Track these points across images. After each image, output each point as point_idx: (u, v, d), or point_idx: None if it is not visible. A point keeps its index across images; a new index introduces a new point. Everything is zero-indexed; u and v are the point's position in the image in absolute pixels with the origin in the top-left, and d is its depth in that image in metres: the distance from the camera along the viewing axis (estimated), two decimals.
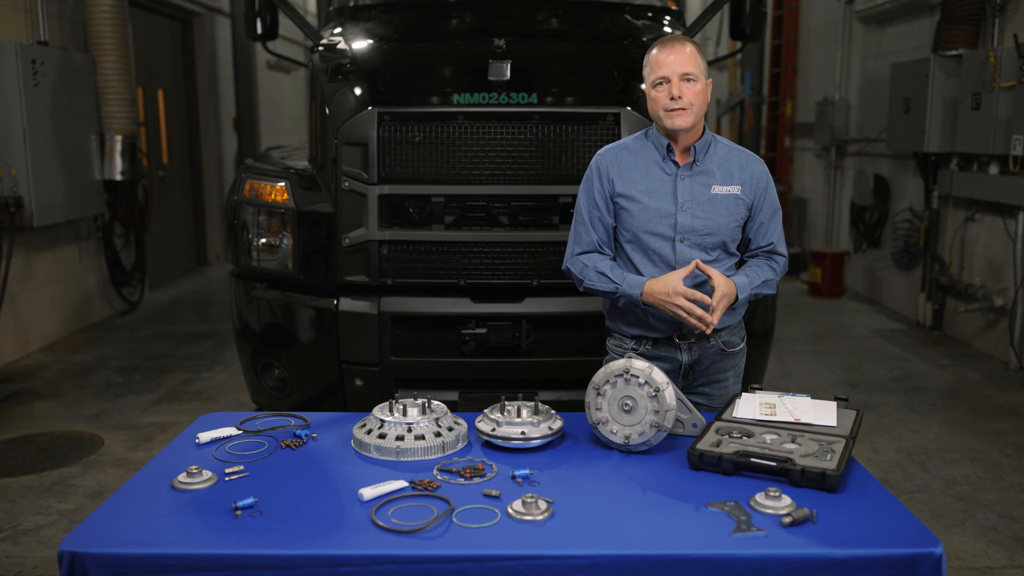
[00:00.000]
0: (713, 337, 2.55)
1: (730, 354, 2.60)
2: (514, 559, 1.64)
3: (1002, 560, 3.30)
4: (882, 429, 4.70)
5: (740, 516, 1.77)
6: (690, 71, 2.39)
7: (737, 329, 2.63)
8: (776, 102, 10.46)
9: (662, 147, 2.49)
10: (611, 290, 2.47)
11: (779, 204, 2.59)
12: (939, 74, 6.29)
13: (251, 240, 3.75)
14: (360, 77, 3.62)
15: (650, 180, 2.48)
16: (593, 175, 2.55)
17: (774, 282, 2.58)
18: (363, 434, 2.17)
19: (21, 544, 3.40)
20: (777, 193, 2.64)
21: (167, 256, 8.95)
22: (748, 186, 2.51)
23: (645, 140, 2.54)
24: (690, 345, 2.55)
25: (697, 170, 2.48)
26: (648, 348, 2.57)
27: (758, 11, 4.28)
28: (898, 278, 7.61)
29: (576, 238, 2.59)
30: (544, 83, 3.48)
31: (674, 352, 2.55)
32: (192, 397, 5.24)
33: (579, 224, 2.58)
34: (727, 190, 2.48)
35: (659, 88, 2.42)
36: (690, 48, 2.42)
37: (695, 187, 2.47)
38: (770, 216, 2.56)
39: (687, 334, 2.53)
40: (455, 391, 3.53)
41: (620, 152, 2.54)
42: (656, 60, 2.43)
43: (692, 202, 2.46)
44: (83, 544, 1.66)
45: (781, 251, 2.60)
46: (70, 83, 6.21)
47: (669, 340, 2.54)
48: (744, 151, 2.57)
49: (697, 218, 2.46)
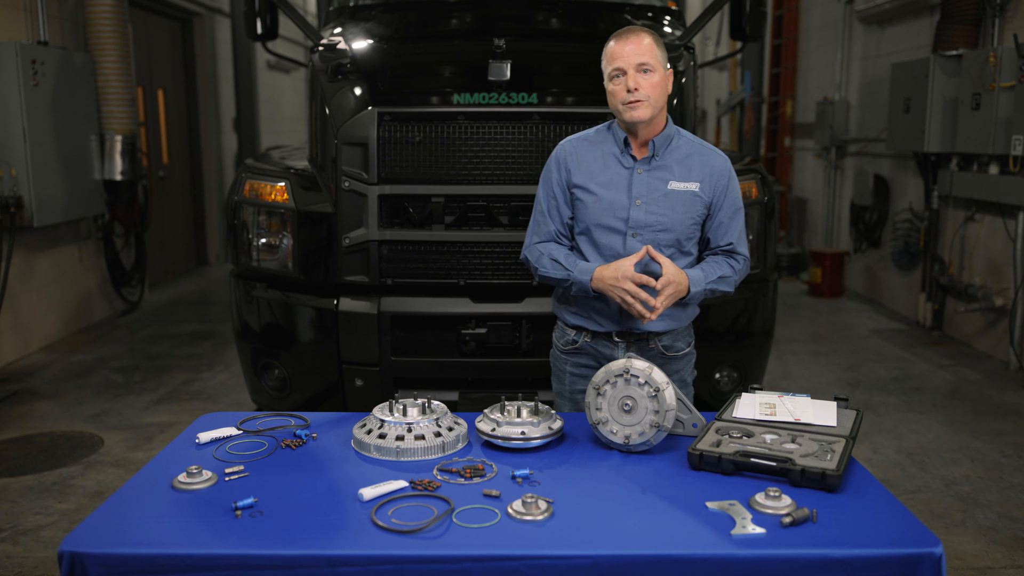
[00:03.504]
0: (653, 340, 2.51)
1: (671, 359, 2.54)
2: (514, 559, 1.64)
3: (1002, 560, 3.30)
4: (882, 429, 4.70)
5: (740, 516, 1.77)
6: (646, 61, 2.33)
7: (683, 334, 2.58)
8: (776, 102, 10.46)
9: (619, 140, 2.45)
10: (563, 277, 2.44)
11: (742, 203, 2.53)
12: (939, 74, 6.29)
13: (251, 240, 3.75)
14: (360, 77, 3.62)
15: (607, 173, 2.45)
16: (552, 165, 2.52)
17: (732, 280, 2.51)
18: (363, 434, 2.16)
19: (21, 544, 3.40)
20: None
21: (167, 256, 8.95)
22: (708, 183, 2.45)
23: (607, 132, 2.50)
24: (628, 344, 2.51)
25: (655, 164, 2.44)
26: (587, 341, 2.54)
27: (758, 11, 4.28)
28: (898, 278, 7.61)
29: (535, 228, 2.55)
30: (544, 83, 3.49)
31: (611, 349, 2.52)
32: (192, 397, 5.24)
33: (538, 214, 2.54)
34: (685, 186, 2.43)
35: (616, 81, 2.37)
36: (648, 39, 2.36)
37: (651, 182, 2.43)
38: (731, 215, 2.50)
39: (626, 332, 2.49)
40: (455, 391, 3.53)
41: (580, 143, 2.51)
42: (611, 52, 2.37)
43: (647, 197, 2.42)
44: (83, 544, 1.66)
45: (742, 251, 2.53)
46: (70, 83, 6.21)
47: (608, 336, 2.52)
48: (708, 147, 2.52)
49: (651, 213, 2.42)
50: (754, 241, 3.69)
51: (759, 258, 3.73)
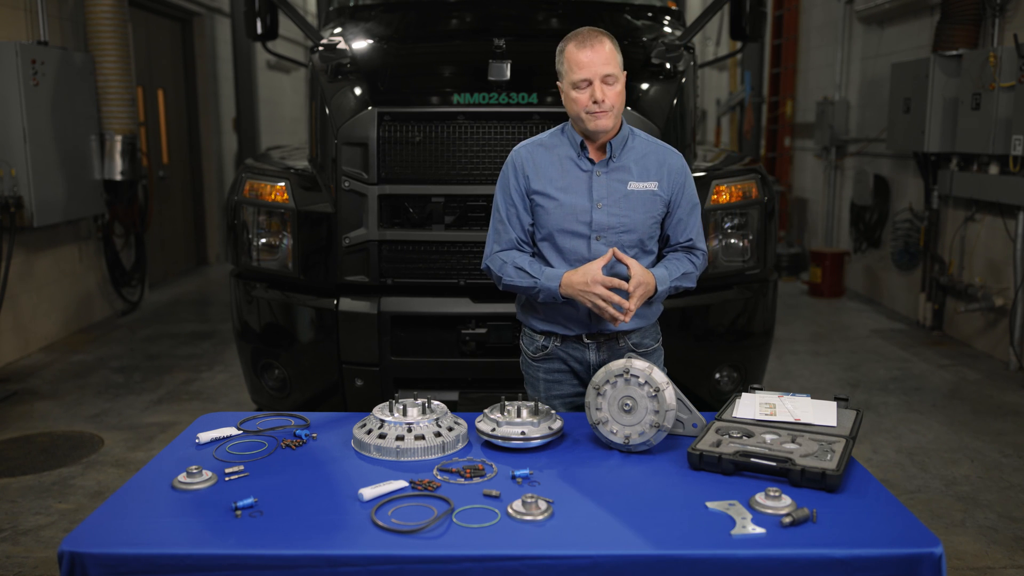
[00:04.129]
0: (623, 338, 2.52)
1: (641, 355, 2.55)
2: (514, 559, 1.64)
3: (1002, 560, 3.30)
4: (882, 429, 4.70)
5: (740, 516, 1.77)
6: (611, 71, 2.31)
7: (650, 331, 2.59)
8: (776, 102, 10.46)
9: (576, 143, 2.43)
10: (529, 285, 2.42)
11: (698, 199, 2.55)
12: (939, 74, 6.29)
13: (251, 240, 3.75)
14: (360, 77, 3.62)
15: (566, 177, 2.43)
16: (509, 171, 2.48)
17: (694, 275, 2.54)
18: (363, 434, 2.17)
19: (21, 544, 3.40)
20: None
21: (167, 256, 8.96)
22: (666, 182, 2.45)
23: (561, 136, 2.48)
24: (599, 345, 2.51)
25: (613, 166, 2.43)
26: (557, 345, 2.53)
27: (758, 11, 4.28)
28: (898, 278, 7.61)
29: (495, 236, 2.52)
30: (544, 83, 3.48)
31: (582, 351, 2.52)
32: (192, 397, 5.25)
33: (497, 222, 2.51)
34: (644, 186, 2.43)
35: (580, 90, 2.33)
36: (609, 45, 2.33)
37: (611, 184, 2.42)
38: (688, 211, 2.51)
39: (596, 333, 2.49)
40: (455, 391, 3.53)
41: (535, 148, 2.48)
42: (576, 60, 2.31)
43: (608, 199, 2.41)
44: (83, 544, 1.66)
45: (701, 246, 2.55)
46: (70, 83, 6.21)
47: (578, 339, 2.51)
48: (663, 146, 2.51)
49: (613, 215, 2.41)
50: (754, 241, 3.70)
51: (759, 258, 3.73)
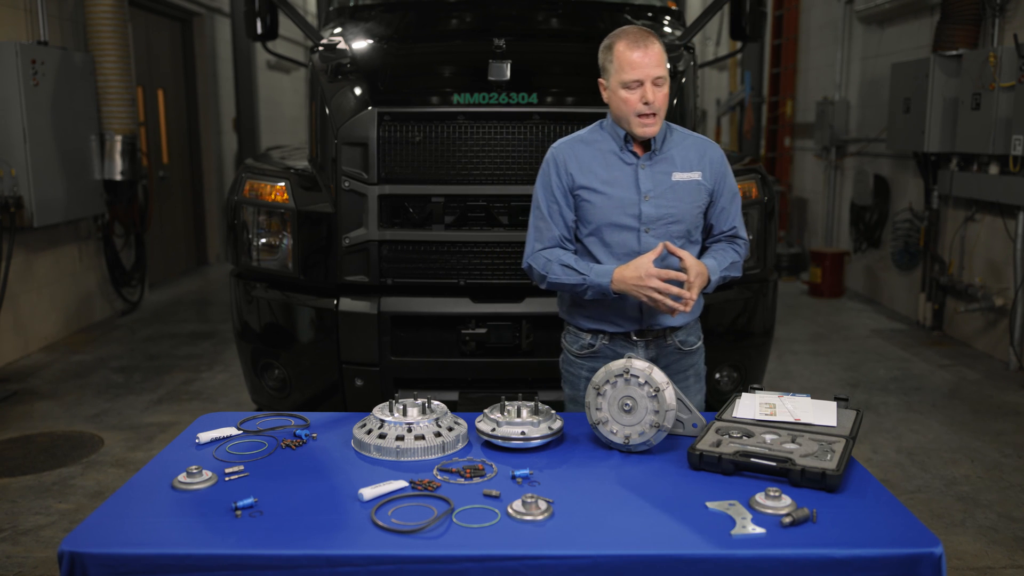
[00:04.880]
0: (670, 336, 2.53)
1: (687, 353, 2.58)
2: (514, 559, 1.64)
3: (1002, 560, 3.30)
4: (882, 429, 4.70)
5: (740, 516, 1.77)
6: (661, 73, 2.33)
7: (694, 328, 2.61)
8: (776, 102, 10.46)
9: (619, 137, 2.44)
10: (577, 282, 2.40)
11: (737, 188, 2.57)
12: (939, 74, 6.29)
13: (251, 240, 3.75)
14: (360, 77, 3.62)
15: (611, 171, 2.43)
16: (550, 169, 2.48)
17: (739, 264, 2.55)
18: (363, 434, 2.16)
19: (21, 544, 3.40)
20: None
21: (167, 256, 8.95)
22: (708, 171, 2.47)
23: (600, 131, 2.49)
24: (647, 343, 2.51)
25: (657, 158, 2.44)
26: (605, 343, 2.52)
27: (758, 11, 4.28)
28: (898, 278, 7.61)
29: (537, 234, 2.50)
30: (544, 83, 3.49)
31: (631, 348, 2.51)
32: (192, 397, 5.24)
33: (538, 220, 2.50)
34: (688, 176, 2.44)
35: (631, 90, 2.34)
36: (658, 46, 2.35)
37: (656, 175, 2.43)
38: (730, 200, 2.53)
39: (645, 330, 2.50)
40: (455, 391, 3.53)
41: (575, 144, 2.49)
42: (628, 59, 2.32)
43: (655, 191, 2.42)
44: (83, 544, 1.66)
45: (743, 235, 2.57)
46: (70, 83, 6.21)
47: (626, 336, 2.51)
48: (700, 137, 2.54)
49: (661, 207, 2.42)
50: (754, 241, 3.69)
51: (759, 258, 3.72)
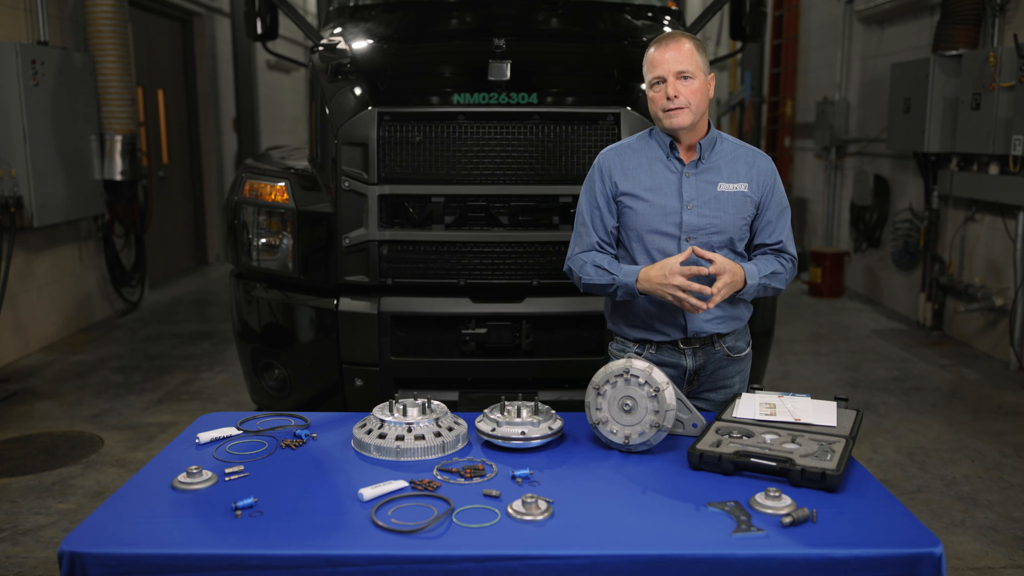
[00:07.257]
0: (718, 343, 2.52)
1: (735, 359, 2.57)
2: (514, 559, 1.64)
3: (1002, 560, 3.30)
4: (882, 429, 4.70)
5: (740, 516, 1.77)
6: (686, 68, 2.34)
7: (743, 334, 2.60)
8: (776, 102, 10.46)
9: (665, 145, 2.45)
10: (607, 282, 2.42)
11: (787, 203, 2.55)
12: (939, 74, 6.29)
13: (251, 240, 3.75)
14: (360, 77, 3.62)
15: (655, 178, 2.45)
16: (595, 175, 2.52)
17: (783, 278, 2.50)
18: (363, 434, 2.16)
19: (21, 544, 3.40)
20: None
21: (167, 256, 8.95)
22: (755, 183, 2.46)
23: (648, 139, 2.51)
24: (695, 350, 2.51)
25: (703, 167, 2.44)
26: (652, 352, 2.52)
27: (758, 11, 4.28)
28: (898, 278, 7.61)
29: (577, 239, 2.55)
30: (544, 83, 3.48)
31: (678, 357, 2.51)
32: (192, 397, 5.24)
33: (580, 225, 2.54)
34: (734, 187, 2.44)
35: (656, 88, 2.39)
36: (688, 45, 2.36)
37: (701, 184, 2.43)
38: (778, 214, 2.51)
39: (691, 338, 2.49)
40: (455, 391, 3.53)
41: (623, 151, 2.51)
42: (652, 59, 2.38)
43: (698, 200, 2.42)
44: (83, 544, 1.66)
45: (791, 250, 2.53)
46: (70, 83, 6.21)
47: (674, 344, 2.50)
48: (751, 148, 2.54)
49: (703, 216, 2.42)
50: None
51: None
